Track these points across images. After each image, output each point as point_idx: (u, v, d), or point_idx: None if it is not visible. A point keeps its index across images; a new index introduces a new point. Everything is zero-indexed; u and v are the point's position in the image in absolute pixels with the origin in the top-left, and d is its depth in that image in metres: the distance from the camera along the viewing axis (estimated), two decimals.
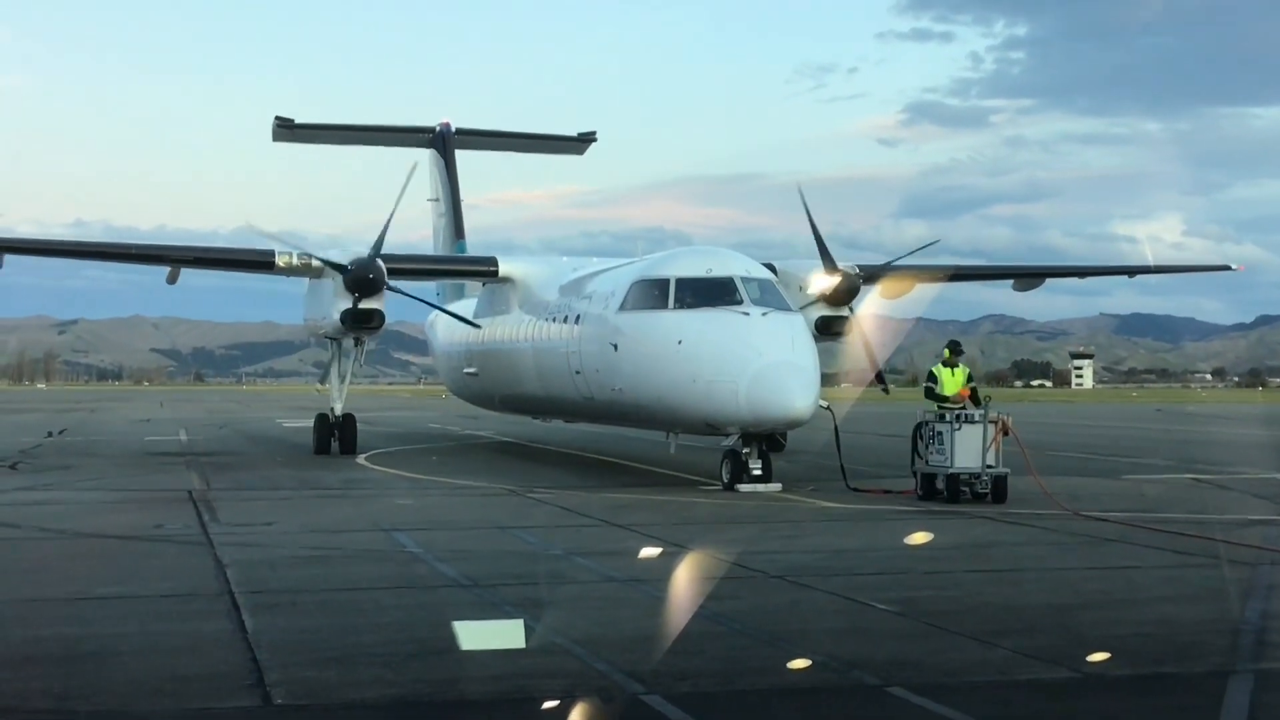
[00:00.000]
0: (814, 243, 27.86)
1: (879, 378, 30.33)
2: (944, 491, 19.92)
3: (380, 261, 28.02)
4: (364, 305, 27.96)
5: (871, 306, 29.55)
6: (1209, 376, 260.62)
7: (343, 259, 28.25)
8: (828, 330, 28.62)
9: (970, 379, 21.65)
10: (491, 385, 33.04)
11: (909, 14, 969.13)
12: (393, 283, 28.50)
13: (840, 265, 28.58)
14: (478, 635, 9.91)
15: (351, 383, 32.51)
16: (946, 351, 21.83)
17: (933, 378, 21.43)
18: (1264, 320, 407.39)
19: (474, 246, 38.53)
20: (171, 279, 31.54)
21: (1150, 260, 37.65)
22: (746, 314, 21.67)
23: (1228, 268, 40.74)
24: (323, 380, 33.11)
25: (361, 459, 29.45)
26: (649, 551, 14.49)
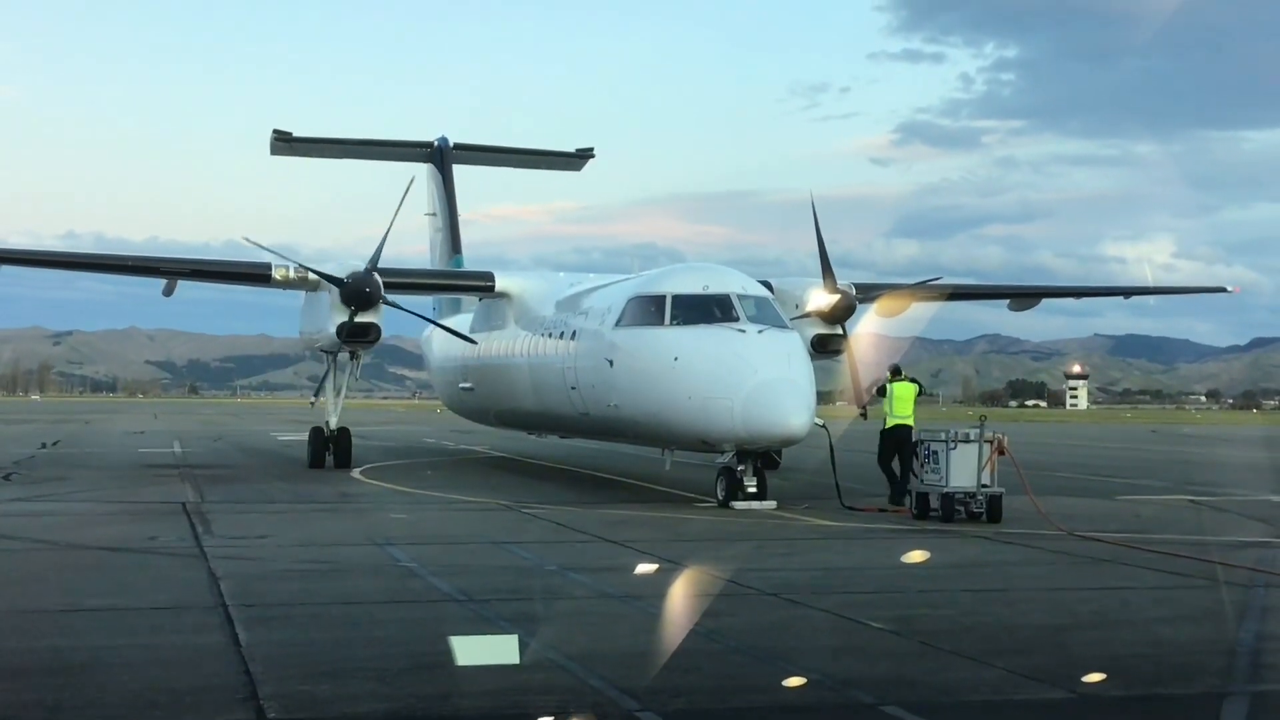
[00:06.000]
0: (811, 259, 27.89)
1: (861, 403, 30.05)
2: (939, 511, 19.92)
3: (377, 275, 28.05)
4: (360, 319, 27.98)
5: (867, 325, 29.56)
6: (1203, 398, 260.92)
7: (339, 272, 28.28)
8: (823, 348, 28.66)
9: (921, 392, 23.41)
10: (487, 400, 33.02)
11: (900, 35, 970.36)
12: (389, 296, 28.54)
13: (839, 284, 28.65)
14: (472, 650, 9.89)
15: (346, 396, 32.51)
16: (889, 374, 23.48)
17: (883, 391, 23.25)
18: (1258, 342, 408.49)
19: (470, 262, 38.55)
20: (168, 291, 31.62)
21: (1150, 281, 37.79)
22: (743, 331, 21.67)
23: (1224, 289, 40.93)
24: (317, 394, 33.04)
25: (356, 473, 29.40)
26: (644, 568, 14.47)
